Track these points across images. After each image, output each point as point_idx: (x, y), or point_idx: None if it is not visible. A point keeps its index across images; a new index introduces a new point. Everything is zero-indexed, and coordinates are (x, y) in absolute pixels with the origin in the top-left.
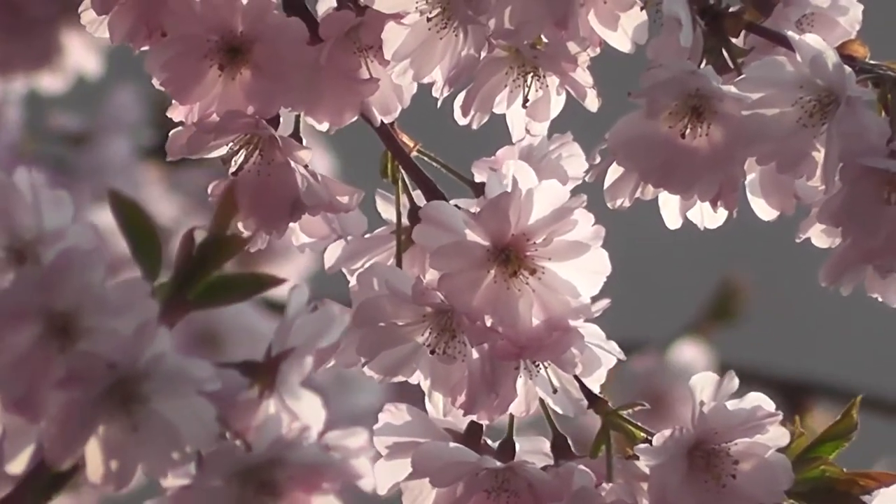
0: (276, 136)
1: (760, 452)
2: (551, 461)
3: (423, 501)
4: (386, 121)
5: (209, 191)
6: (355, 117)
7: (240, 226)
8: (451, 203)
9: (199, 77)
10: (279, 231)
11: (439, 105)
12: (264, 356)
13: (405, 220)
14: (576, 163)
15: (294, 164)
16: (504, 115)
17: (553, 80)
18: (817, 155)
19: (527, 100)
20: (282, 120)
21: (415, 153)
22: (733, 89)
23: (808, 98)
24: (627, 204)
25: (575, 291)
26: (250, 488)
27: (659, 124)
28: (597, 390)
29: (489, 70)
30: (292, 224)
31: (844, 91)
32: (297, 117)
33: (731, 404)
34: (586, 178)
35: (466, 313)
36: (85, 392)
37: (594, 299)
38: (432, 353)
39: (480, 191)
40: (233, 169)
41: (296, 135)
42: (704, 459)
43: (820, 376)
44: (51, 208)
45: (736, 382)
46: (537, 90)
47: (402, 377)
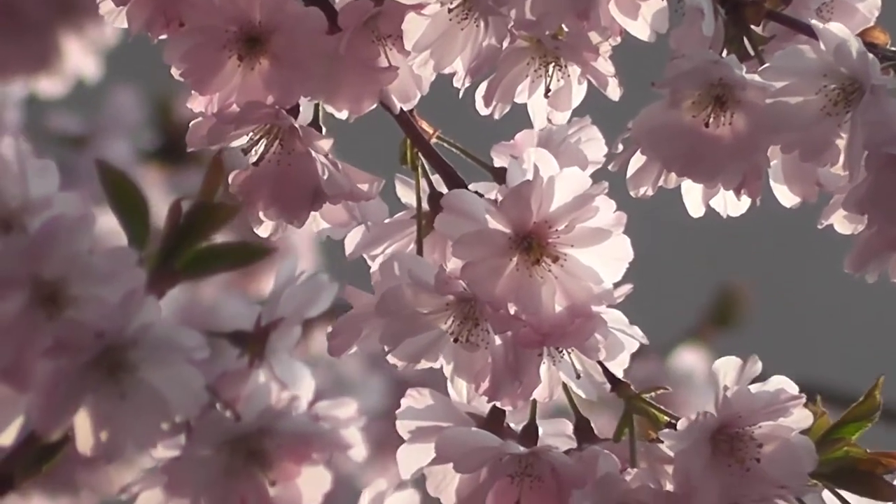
0: (296, 125)
1: (784, 435)
2: (574, 444)
3: (446, 486)
4: (405, 108)
5: (230, 180)
6: (374, 105)
7: (260, 215)
8: (471, 188)
9: (218, 68)
10: (300, 220)
11: (461, 94)
12: (254, 326)
13: (425, 206)
14: (595, 147)
15: (314, 154)
16: (522, 102)
17: (574, 70)
18: (840, 143)
19: (549, 89)
20: (301, 109)
21: (434, 140)
22: (756, 78)
23: (832, 86)
24: (651, 192)
25: (597, 278)
26: (240, 458)
27: (682, 113)
28: (620, 374)
29: (511, 60)
30: (312, 212)
31: (869, 79)
32: (317, 106)
33: (754, 388)
34: (609, 167)
35: (489, 301)
36: (73, 360)
37: (616, 285)
38: (455, 341)
39: (501, 175)
40: (253, 159)
41: (315, 124)
42: (728, 443)
43: (820, 381)
44: (37, 177)
45: (759, 366)
46: (559, 80)
47: (425, 364)
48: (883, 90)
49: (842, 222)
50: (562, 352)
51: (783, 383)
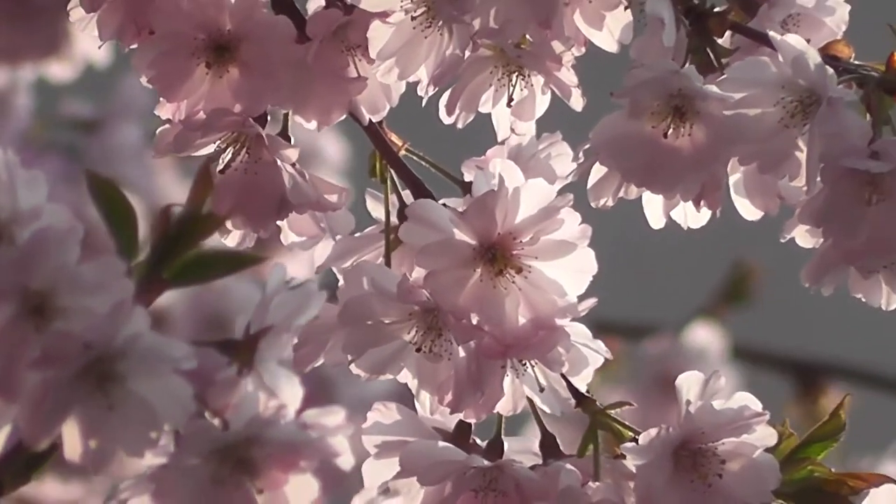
0: (263, 134)
1: (748, 452)
2: (540, 460)
3: (411, 500)
4: (374, 120)
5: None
6: (343, 116)
7: (227, 224)
8: (440, 202)
9: (186, 75)
10: (266, 229)
11: (425, 104)
12: (243, 334)
13: (394, 219)
14: (565, 162)
15: (281, 163)
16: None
17: (538, 80)
18: (800, 155)
19: (511, 99)
20: (269, 118)
21: (403, 152)
22: (715, 89)
23: (790, 98)
24: (611, 203)
25: (561, 290)
26: (227, 466)
27: (642, 124)
28: (584, 389)
29: (474, 69)
30: (281, 223)
31: (826, 92)
32: (286, 115)
33: (717, 404)
34: (570, 176)
35: (452, 311)
36: (61, 372)
37: (580, 298)
38: (418, 352)
39: (469, 190)
40: (220, 167)
41: (283, 133)
42: (691, 459)
43: (834, 357)
44: (26, 188)
45: (723, 382)
46: (522, 89)
47: (389, 375)
48: (840, 102)
49: (803, 236)
50: (525, 365)
51: (747, 400)
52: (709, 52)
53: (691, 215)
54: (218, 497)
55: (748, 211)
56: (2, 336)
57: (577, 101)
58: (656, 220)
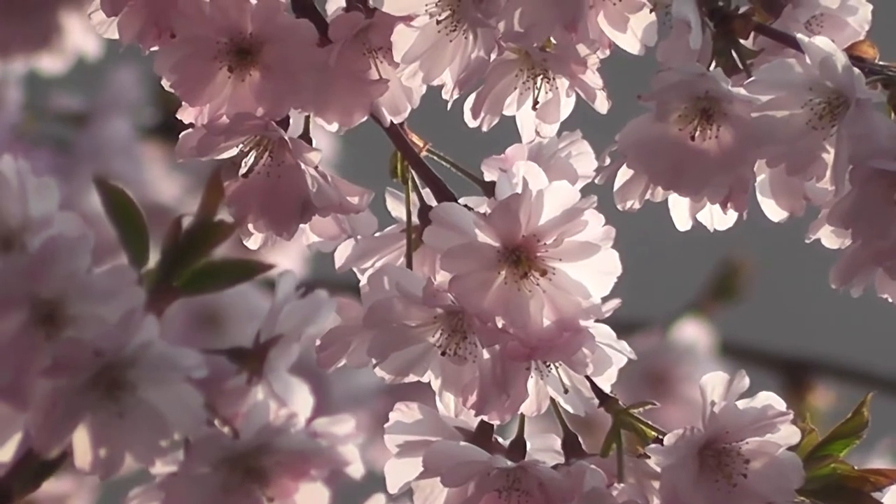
0: (286, 137)
1: (771, 451)
2: (562, 459)
3: (434, 500)
4: (396, 121)
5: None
6: (365, 118)
7: (249, 227)
8: (461, 202)
9: (208, 79)
10: (289, 232)
11: (449, 106)
12: (253, 342)
13: (415, 220)
14: (585, 161)
15: (304, 166)
16: (513, 115)
17: (563, 83)
18: (827, 157)
19: (537, 102)
20: (291, 121)
21: (424, 153)
22: (743, 91)
23: (818, 100)
24: (637, 206)
25: (585, 292)
26: (237, 475)
27: (669, 127)
28: (608, 389)
29: (499, 72)
30: (302, 224)
31: (854, 93)
32: (307, 118)
33: (741, 403)
34: (596, 180)
35: (477, 314)
36: (71, 380)
37: (604, 299)
38: (443, 354)
39: (490, 189)
40: (243, 171)
41: (305, 136)
42: (715, 459)
43: (822, 354)
44: (37, 196)
45: (747, 382)
46: (547, 92)
47: (413, 377)
48: (868, 104)
49: (829, 237)
50: (549, 366)
51: (771, 399)
52: (733, 54)
53: (717, 217)
54: None
55: (774, 212)
56: (13, 344)
57: (601, 104)
58: (683, 222)
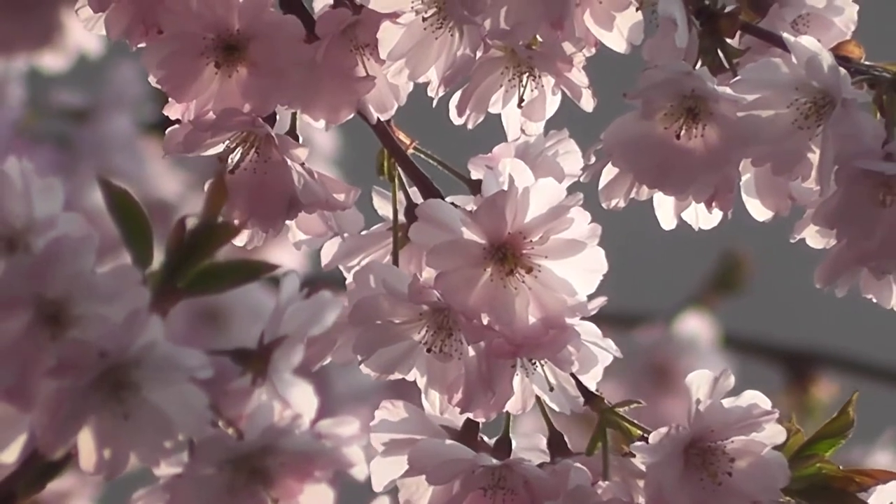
0: (273, 133)
1: (756, 450)
2: (548, 458)
3: (419, 499)
4: (382, 118)
5: (205, 187)
6: (352, 115)
7: (236, 223)
8: (448, 200)
9: (195, 75)
10: (275, 229)
11: (435, 104)
12: (257, 343)
13: (402, 218)
14: (572, 159)
15: (290, 162)
16: (500, 113)
17: (548, 81)
18: (812, 157)
19: (522, 100)
20: (278, 118)
21: (411, 150)
22: (729, 90)
23: (804, 100)
24: (622, 204)
25: (571, 289)
26: (242, 476)
27: (654, 125)
28: (593, 387)
29: (485, 70)
30: (288, 221)
31: (839, 93)
32: (294, 115)
33: (726, 402)
34: (582, 178)
35: (463, 311)
36: (76, 380)
37: (590, 297)
38: (429, 351)
39: (477, 188)
40: (229, 167)
41: (292, 132)
42: (700, 457)
43: (824, 346)
44: (41, 196)
45: (732, 381)
46: (533, 90)
47: (398, 375)
48: (854, 104)
49: (814, 237)
50: (535, 364)
51: (756, 398)
52: (719, 53)
53: (703, 216)
54: None
55: (759, 212)
56: (18, 345)
57: (587, 102)
58: (668, 221)
